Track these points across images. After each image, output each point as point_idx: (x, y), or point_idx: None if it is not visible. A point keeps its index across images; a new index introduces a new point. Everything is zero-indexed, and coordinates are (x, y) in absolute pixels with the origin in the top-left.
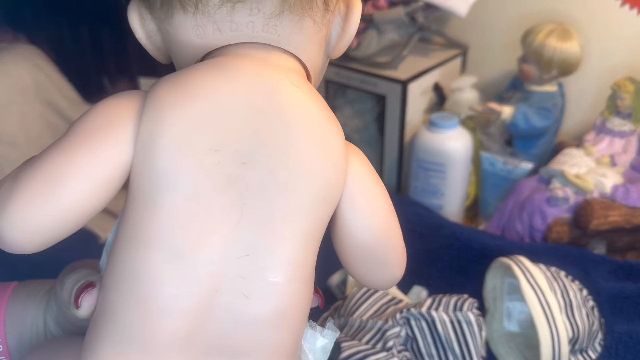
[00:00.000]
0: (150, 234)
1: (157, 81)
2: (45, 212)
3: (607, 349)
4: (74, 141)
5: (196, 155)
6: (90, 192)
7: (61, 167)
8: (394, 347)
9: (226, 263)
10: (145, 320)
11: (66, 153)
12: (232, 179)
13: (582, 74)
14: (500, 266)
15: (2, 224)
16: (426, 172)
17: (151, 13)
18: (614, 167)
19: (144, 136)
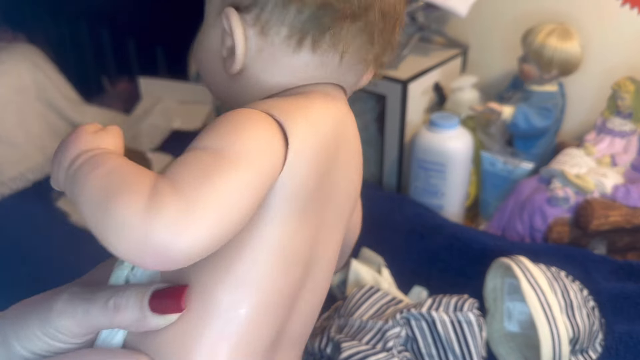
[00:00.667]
0: (293, 249)
1: (277, 102)
2: (222, 237)
3: (608, 349)
4: (242, 165)
5: (317, 175)
6: (254, 209)
7: (236, 192)
8: (394, 347)
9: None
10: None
11: (238, 179)
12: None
13: (582, 74)
14: (501, 266)
15: (181, 245)
16: (426, 172)
17: (263, 34)
18: (615, 167)
19: (291, 160)
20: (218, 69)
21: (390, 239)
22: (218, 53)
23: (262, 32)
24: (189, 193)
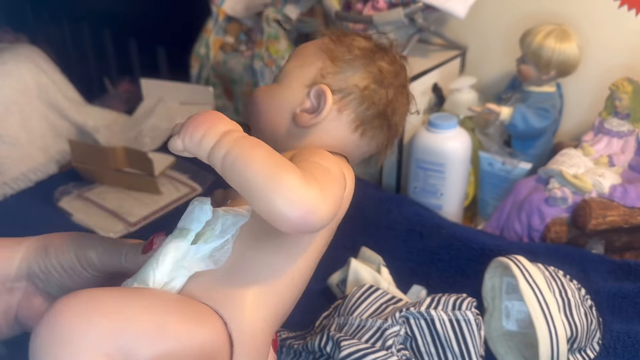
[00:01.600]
0: (321, 244)
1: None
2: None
3: (606, 348)
4: (340, 181)
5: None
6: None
7: (340, 194)
8: (393, 346)
9: None
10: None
11: (336, 180)
12: None
13: (580, 74)
14: (499, 265)
15: (321, 212)
16: (425, 172)
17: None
18: (612, 167)
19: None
20: (284, 119)
21: (390, 238)
22: (292, 108)
23: (338, 110)
24: (323, 185)
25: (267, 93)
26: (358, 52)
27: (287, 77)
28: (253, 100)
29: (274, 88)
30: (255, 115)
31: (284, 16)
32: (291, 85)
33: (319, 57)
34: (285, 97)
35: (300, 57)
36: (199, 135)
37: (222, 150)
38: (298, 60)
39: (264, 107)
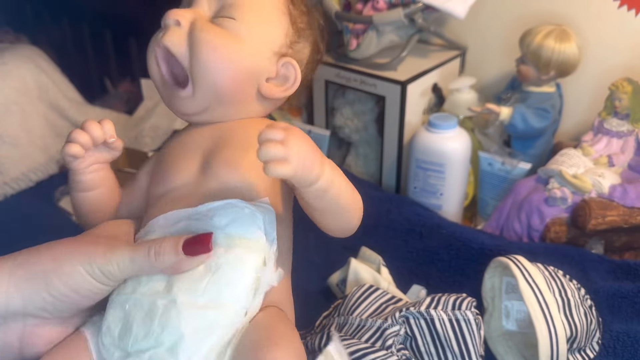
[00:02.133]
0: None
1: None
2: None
3: (605, 348)
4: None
5: None
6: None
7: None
8: (393, 345)
9: None
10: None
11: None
12: None
13: (580, 74)
14: (499, 265)
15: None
16: (425, 172)
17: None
18: (612, 167)
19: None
20: (248, 84)
21: (390, 238)
22: (259, 74)
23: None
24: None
25: (231, 47)
26: (306, 19)
27: (251, 33)
28: (211, 47)
29: (238, 43)
30: (212, 67)
31: None
32: (260, 49)
33: (280, 18)
34: (252, 61)
35: (259, 9)
36: (309, 164)
37: (328, 180)
38: (258, 13)
39: (225, 63)
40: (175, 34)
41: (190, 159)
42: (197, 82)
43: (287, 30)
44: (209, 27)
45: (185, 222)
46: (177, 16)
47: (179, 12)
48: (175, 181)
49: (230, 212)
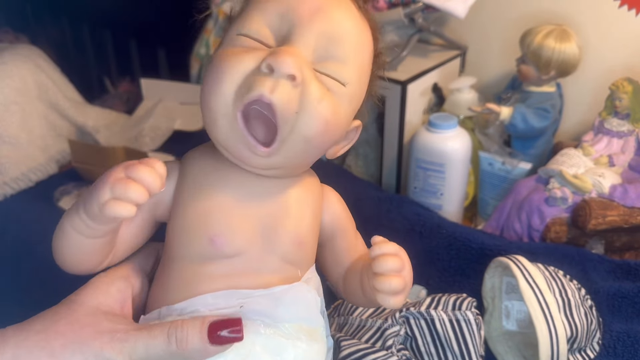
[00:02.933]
0: None
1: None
2: None
3: (606, 348)
4: None
5: None
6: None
7: None
8: (393, 346)
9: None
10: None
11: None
12: None
13: (580, 74)
14: (499, 265)
15: None
16: (425, 172)
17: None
18: (612, 167)
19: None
20: (337, 138)
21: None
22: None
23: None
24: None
25: (338, 124)
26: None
27: (351, 103)
28: (323, 123)
29: (343, 117)
30: (311, 140)
31: None
32: (351, 118)
33: (367, 78)
34: (342, 132)
35: (363, 68)
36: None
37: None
38: (361, 73)
39: (326, 137)
40: (288, 93)
41: (248, 222)
42: (285, 148)
43: (366, 87)
44: (326, 95)
45: (241, 304)
46: (294, 68)
47: (293, 62)
48: (230, 247)
49: (295, 298)
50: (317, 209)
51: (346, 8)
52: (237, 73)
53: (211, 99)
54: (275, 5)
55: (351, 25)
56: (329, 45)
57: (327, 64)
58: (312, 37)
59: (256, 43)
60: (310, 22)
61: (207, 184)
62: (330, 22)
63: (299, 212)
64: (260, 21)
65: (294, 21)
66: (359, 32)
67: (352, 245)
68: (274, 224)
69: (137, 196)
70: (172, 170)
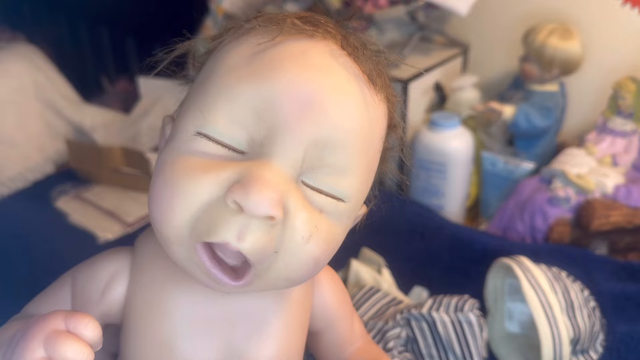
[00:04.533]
0: None
1: None
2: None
3: (609, 349)
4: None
5: None
6: None
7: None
8: (394, 348)
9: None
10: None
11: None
12: None
13: (583, 73)
14: (502, 267)
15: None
16: (427, 172)
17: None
18: (616, 167)
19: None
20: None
21: (391, 239)
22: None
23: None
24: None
25: (333, 249)
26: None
27: (354, 211)
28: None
29: (340, 237)
30: (299, 275)
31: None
32: (351, 222)
33: (375, 166)
34: (342, 239)
35: (369, 168)
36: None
37: None
38: (367, 177)
39: (319, 266)
40: (262, 237)
41: (209, 348)
42: (262, 282)
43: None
44: (316, 230)
45: None
46: (271, 207)
47: (274, 196)
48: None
49: None
50: (302, 309)
51: (352, 96)
52: (192, 203)
53: (162, 224)
54: (249, 97)
55: (357, 121)
56: (324, 154)
57: (319, 175)
58: (300, 147)
59: (222, 149)
60: (298, 127)
61: (161, 300)
62: (325, 123)
63: (272, 329)
64: (230, 117)
65: (274, 124)
66: (367, 127)
67: (345, 339)
68: (240, 348)
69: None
70: (121, 271)
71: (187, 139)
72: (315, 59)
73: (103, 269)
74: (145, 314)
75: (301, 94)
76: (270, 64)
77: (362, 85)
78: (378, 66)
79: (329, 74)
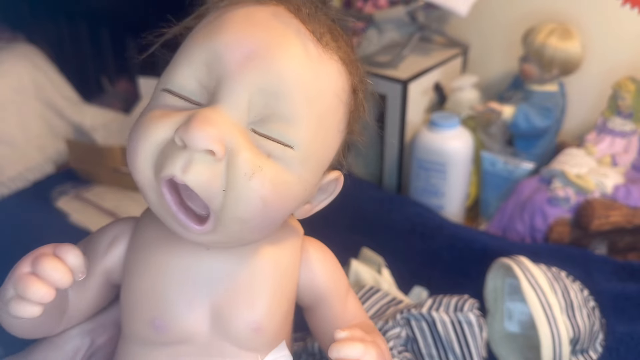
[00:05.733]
0: None
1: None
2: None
3: (608, 349)
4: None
5: None
6: None
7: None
8: (394, 347)
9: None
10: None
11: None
12: None
13: (583, 73)
14: (501, 266)
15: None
16: (427, 172)
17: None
18: (615, 167)
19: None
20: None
21: (391, 239)
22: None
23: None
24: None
25: (286, 195)
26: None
27: (308, 164)
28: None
29: (293, 186)
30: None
31: None
32: (313, 179)
33: (340, 127)
34: (302, 197)
35: (322, 122)
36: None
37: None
38: (320, 126)
39: (272, 213)
40: (206, 171)
41: (195, 304)
42: (222, 226)
43: (343, 136)
44: (259, 169)
45: None
46: (209, 141)
47: (211, 133)
48: (174, 332)
49: None
50: (287, 279)
51: (293, 48)
52: (150, 145)
53: (132, 172)
54: (201, 53)
55: (299, 71)
56: (269, 101)
57: (268, 124)
58: (243, 93)
59: (182, 101)
60: (240, 74)
61: (155, 258)
62: (267, 72)
63: (256, 291)
64: (188, 72)
65: (221, 73)
66: (312, 79)
67: (337, 317)
68: (225, 307)
69: (39, 296)
70: (123, 232)
71: (156, 97)
72: (258, 18)
73: (109, 230)
74: (141, 273)
75: (243, 45)
76: (220, 25)
77: (307, 41)
78: (333, 31)
79: (269, 29)
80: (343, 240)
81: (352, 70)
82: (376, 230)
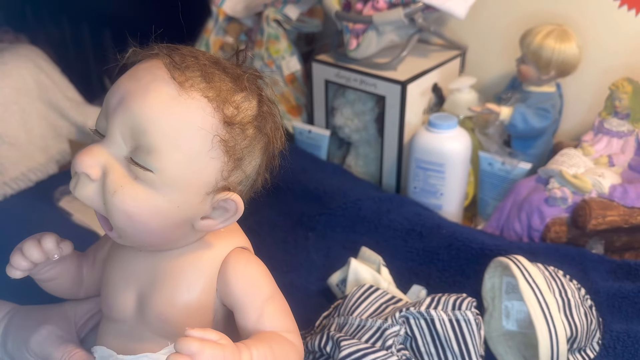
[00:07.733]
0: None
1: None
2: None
3: (606, 348)
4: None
5: None
6: None
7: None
8: (393, 346)
9: None
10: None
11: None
12: None
13: (580, 74)
14: (499, 265)
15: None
16: (425, 172)
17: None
18: (612, 167)
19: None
20: (181, 229)
21: (390, 238)
22: (191, 219)
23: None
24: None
25: (149, 211)
26: (251, 132)
27: (175, 185)
28: (125, 216)
29: (158, 204)
30: (131, 231)
31: (284, 16)
32: (187, 199)
33: (212, 153)
34: (178, 213)
35: (183, 151)
36: None
37: None
38: (182, 157)
39: (144, 226)
40: (87, 189)
41: (127, 293)
42: (118, 232)
43: (222, 162)
44: (121, 188)
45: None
46: (85, 168)
47: (87, 161)
48: (114, 313)
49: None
50: (201, 282)
51: (152, 93)
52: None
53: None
54: (105, 100)
55: (155, 111)
56: (135, 135)
57: (138, 153)
58: (116, 130)
59: (97, 136)
60: (114, 116)
61: (115, 253)
62: (128, 113)
63: (167, 287)
64: (101, 115)
65: (106, 115)
66: (168, 116)
67: (248, 324)
68: (145, 297)
69: (16, 264)
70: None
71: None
72: (135, 71)
73: (105, 236)
74: (107, 268)
75: (117, 94)
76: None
77: (167, 86)
78: (208, 74)
79: (138, 79)
80: (342, 239)
81: (221, 105)
82: (375, 229)
